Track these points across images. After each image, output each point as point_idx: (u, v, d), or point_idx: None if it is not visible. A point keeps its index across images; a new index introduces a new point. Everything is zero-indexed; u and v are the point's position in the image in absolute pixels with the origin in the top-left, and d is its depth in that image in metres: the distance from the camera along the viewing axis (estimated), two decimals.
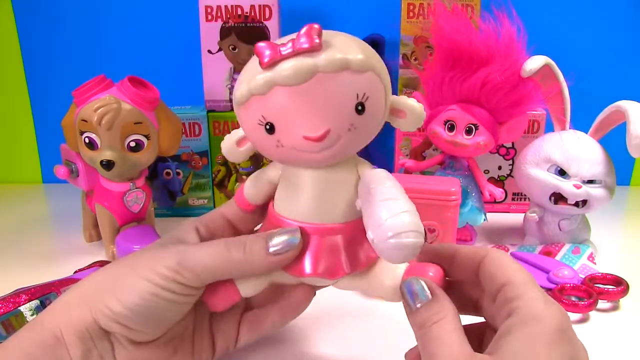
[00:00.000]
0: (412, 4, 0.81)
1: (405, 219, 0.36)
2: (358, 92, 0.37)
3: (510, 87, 0.69)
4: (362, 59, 0.37)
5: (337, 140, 0.38)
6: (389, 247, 0.36)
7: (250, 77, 0.37)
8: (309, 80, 0.36)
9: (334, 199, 0.41)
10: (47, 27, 0.97)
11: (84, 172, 0.73)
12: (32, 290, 0.53)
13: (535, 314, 0.35)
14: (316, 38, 0.36)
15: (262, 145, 0.40)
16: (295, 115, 0.37)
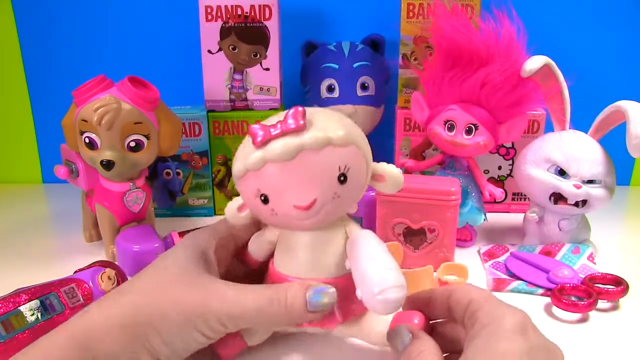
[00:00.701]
0: (411, 4, 0.81)
1: (390, 277, 0.42)
2: (340, 164, 0.43)
3: (510, 87, 0.69)
4: (343, 136, 0.43)
5: (323, 207, 0.44)
6: (377, 303, 0.42)
7: (245, 155, 0.44)
8: (295, 157, 0.42)
9: (326, 257, 0.47)
10: (47, 27, 0.97)
11: (84, 172, 0.73)
12: (32, 290, 0.53)
13: (495, 316, 0.40)
14: (301, 120, 0.42)
15: (259, 213, 0.46)
16: (286, 187, 0.43)
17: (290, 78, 0.94)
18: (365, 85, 0.85)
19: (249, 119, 0.84)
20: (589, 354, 0.53)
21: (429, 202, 0.64)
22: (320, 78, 0.85)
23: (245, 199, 0.47)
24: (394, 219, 0.66)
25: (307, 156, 0.42)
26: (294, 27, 0.93)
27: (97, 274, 0.58)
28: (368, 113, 0.85)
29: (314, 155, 0.42)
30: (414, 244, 0.67)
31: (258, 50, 0.82)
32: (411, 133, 0.86)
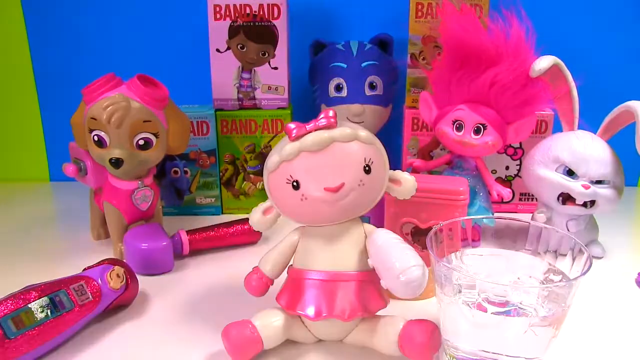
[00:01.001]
0: (420, 4, 0.81)
1: (408, 258, 0.46)
2: (365, 156, 0.49)
3: (518, 87, 0.69)
4: (367, 135, 0.50)
5: (350, 193, 0.48)
6: (400, 285, 0.45)
7: (281, 148, 0.49)
8: (327, 147, 0.48)
9: (345, 251, 0.51)
10: (56, 25, 0.97)
11: (92, 170, 0.74)
12: (42, 287, 0.53)
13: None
14: (332, 118, 0.49)
15: (289, 201, 0.50)
16: (317, 172, 0.48)
17: (299, 77, 0.94)
18: (374, 84, 0.85)
19: (256, 118, 0.85)
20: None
21: (437, 201, 0.64)
22: (329, 77, 0.86)
23: (275, 190, 0.50)
24: (402, 219, 0.66)
25: (337, 147, 0.48)
26: (303, 26, 0.93)
27: (105, 272, 0.58)
28: (376, 112, 0.85)
29: (344, 146, 0.48)
30: (422, 243, 0.67)
31: (266, 49, 0.83)
32: (419, 133, 0.86)
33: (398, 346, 0.50)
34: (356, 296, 0.50)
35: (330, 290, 0.50)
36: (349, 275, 0.50)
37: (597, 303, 0.61)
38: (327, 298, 0.50)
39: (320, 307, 0.50)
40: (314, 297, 0.50)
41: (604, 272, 0.68)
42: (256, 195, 0.88)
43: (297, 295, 0.51)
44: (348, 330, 0.53)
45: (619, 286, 0.66)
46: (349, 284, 0.50)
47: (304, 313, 0.50)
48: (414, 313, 0.58)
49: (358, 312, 0.49)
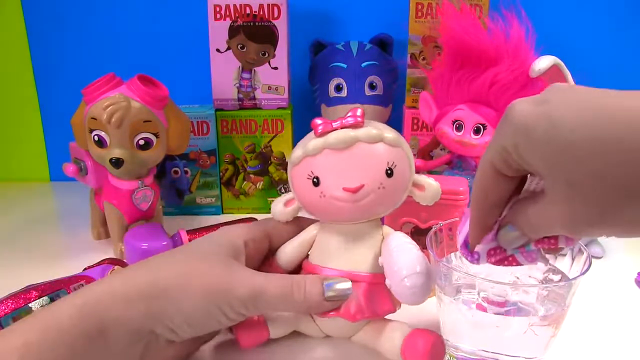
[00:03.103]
0: (420, 4, 0.81)
1: (415, 264, 0.46)
2: (389, 160, 0.48)
3: (518, 87, 0.69)
4: (394, 137, 0.49)
5: (368, 195, 0.48)
6: (403, 288, 0.46)
7: (305, 143, 0.49)
8: (351, 146, 0.48)
9: (360, 251, 0.51)
10: (56, 25, 0.97)
11: (92, 170, 0.74)
12: (42, 287, 0.54)
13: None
14: (359, 117, 0.48)
15: (308, 196, 0.50)
16: (338, 170, 0.48)
17: (299, 77, 0.94)
18: (374, 84, 0.85)
19: (257, 117, 0.85)
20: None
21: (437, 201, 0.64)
22: (329, 77, 0.86)
23: (297, 183, 0.50)
24: (401, 218, 0.66)
25: (361, 147, 0.48)
26: (303, 27, 0.93)
27: (106, 272, 0.58)
28: (376, 112, 0.85)
29: (368, 147, 0.48)
30: (422, 243, 0.67)
31: (266, 49, 0.83)
32: (419, 133, 0.86)
33: (400, 352, 0.49)
34: (365, 298, 0.49)
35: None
36: (361, 277, 0.50)
37: (597, 303, 0.61)
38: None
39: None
40: None
41: (604, 272, 0.68)
42: (256, 195, 0.88)
43: None
44: (355, 329, 0.52)
45: (618, 286, 0.66)
46: (360, 285, 0.49)
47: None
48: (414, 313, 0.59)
49: (365, 313, 0.49)
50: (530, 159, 0.34)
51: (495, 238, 0.41)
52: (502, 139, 0.35)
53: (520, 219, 0.38)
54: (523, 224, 0.38)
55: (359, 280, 0.49)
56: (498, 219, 0.41)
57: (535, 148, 0.33)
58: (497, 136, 0.36)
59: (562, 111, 0.32)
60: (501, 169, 0.37)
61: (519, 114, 0.34)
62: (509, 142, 0.35)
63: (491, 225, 0.41)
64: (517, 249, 0.41)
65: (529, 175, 0.38)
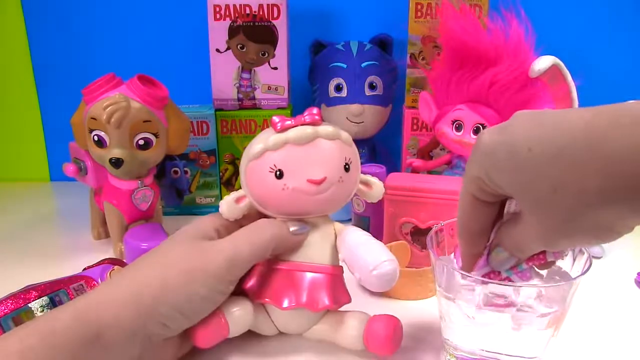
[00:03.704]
0: (420, 4, 0.81)
1: (380, 254, 0.49)
2: (346, 155, 0.51)
3: (518, 87, 0.69)
4: (348, 137, 0.52)
5: (330, 187, 0.50)
6: (373, 278, 0.48)
7: (266, 138, 0.50)
8: (312, 141, 0.50)
9: (318, 244, 0.52)
10: (56, 25, 0.97)
11: (92, 170, 0.74)
12: (42, 287, 0.53)
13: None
14: (316, 116, 0.51)
15: (269, 189, 0.50)
16: (302, 163, 0.49)
17: (299, 77, 0.94)
18: (373, 84, 0.85)
19: (256, 118, 0.85)
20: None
21: (437, 201, 0.64)
22: (329, 77, 0.86)
23: (255, 177, 0.51)
24: (401, 219, 0.66)
25: (322, 143, 0.50)
26: (303, 27, 0.93)
27: (106, 272, 0.58)
28: (376, 112, 0.85)
29: (327, 143, 0.50)
30: (421, 243, 0.67)
31: (266, 49, 0.83)
32: (419, 133, 0.86)
33: (363, 340, 0.51)
34: (326, 288, 0.51)
35: (300, 281, 0.51)
36: (322, 268, 0.51)
37: (597, 303, 0.61)
38: (297, 288, 0.50)
39: (290, 297, 0.50)
40: (284, 287, 0.51)
41: (604, 272, 0.68)
42: None
43: (265, 285, 0.52)
44: (312, 322, 0.53)
45: (618, 286, 0.66)
46: (318, 276, 0.51)
47: (273, 302, 0.51)
48: (414, 313, 0.59)
49: (328, 303, 0.50)
50: (499, 182, 0.37)
51: (487, 263, 0.43)
52: (474, 168, 0.38)
53: (506, 240, 0.41)
54: (509, 245, 0.41)
55: (320, 272, 0.51)
56: (487, 244, 0.43)
57: (501, 171, 0.36)
58: (469, 166, 0.39)
59: (521, 133, 0.35)
60: (479, 197, 0.40)
61: (484, 142, 0.37)
62: (480, 170, 0.38)
63: (480, 251, 0.43)
64: (510, 270, 0.42)
65: (508, 199, 0.40)
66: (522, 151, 0.34)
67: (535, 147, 0.34)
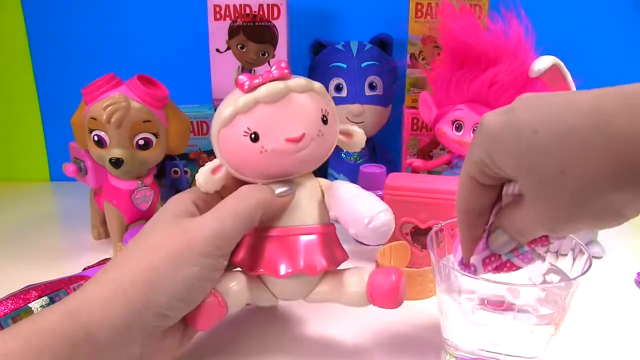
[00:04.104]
0: (420, 4, 0.81)
1: (374, 205, 0.47)
2: (322, 107, 0.48)
3: (518, 87, 0.69)
4: (321, 87, 0.49)
5: (310, 143, 0.47)
6: (369, 231, 0.46)
7: (235, 100, 0.47)
8: (284, 97, 0.47)
9: (303, 204, 0.50)
10: (56, 25, 0.97)
11: (92, 170, 0.74)
12: (42, 287, 0.53)
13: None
14: (285, 69, 0.48)
15: (246, 154, 0.47)
16: (277, 123, 0.46)
17: None
18: (373, 84, 0.85)
19: None
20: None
21: (437, 201, 0.64)
22: (329, 77, 0.86)
23: (229, 144, 0.48)
24: (401, 218, 0.66)
25: (295, 97, 0.47)
26: (303, 27, 0.93)
27: None
28: (376, 112, 0.85)
29: (301, 97, 0.47)
30: (421, 243, 0.67)
31: (266, 49, 0.83)
32: (419, 133, 0.86)
33: (367, 295, 0.49)
34: (321, 249, 0.48)
35: (292, 246, 0.48)
36: (312, 229, 0.49)
37: (597, 303, 0.61)
38: (292, 253, 0.48)
39: (286, 264, 0.48)
40: (278, 254, 0.48)
41: (604, 272, 0.68)
42: None
43: (257, 255, 0.49)
44: (312, 286, 0.51)
45: (618, 286, 0.66)
46: (310, 238, 0.49)
47: (269, 271, 0.48)
48: (414, 313, 0.59)
49: (325, 264, 0.48)
50: (503, 165, 0.36)
51: (487, 246, 0.42)
52: (477, 151, 0.38)
53: (507, 223, 0.40)
54: (510, 229, 0.40)
55: (310, 233, 0.49)
56: (486, 227, 0.42)
57: (505, 154, 0.36)
58: (472, 149, 0.39)
59: (526, 115, 0.34)
60: (480, 179, 0.39)
61: (488, 124, 0.37)
62: (482, 153, 0.37)
63: (480, 234, 0.42)
64: (511, 253, 0.42)
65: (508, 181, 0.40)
66: (527, 133, 0.34)
67: (540, 128, 0.33)
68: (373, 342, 0.55)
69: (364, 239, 0.47)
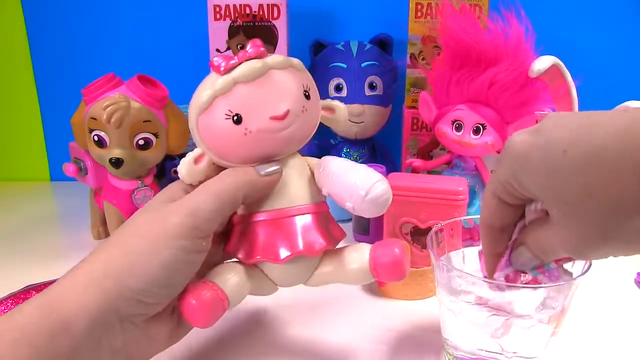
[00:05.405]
0: (420, 4, 0.81)
1: (369, 176, 0.44)
2: (303, 82, 0.46)
3: (518, 87, 0.69)
4: (299, 62, 0.47)
5: (295, 120, 0.45)
6: (367, 204, 0.44)
7: (212, 83, 0.44)
8: (264, 74, 0.44)
9: (293, 184, 0.47)
10: (56, 25, 0.97)
11: (92, 169, 0.74)
12: (42, 287, 0.54)
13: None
14: (261, 47, 0.45)
15: (229, 138, 0.45)
16: (259, 102, 0.44)
17: None
18: (373, 84, 0.85)
19: None
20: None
21: (437, 201, 0.64)
22: (329, 77, 0.86)
23: (210, 130, 0.45)
24: (401, 219, 0.66)
25: (275, 74, 0.45)
26: (302, 27, 0.93)
27: None
28: (376, 112, 0.85)
29: (280, 73, 0.45)
30: (421, 243, 0.67)
31: (266, 49, 0.82)
32: (419, 132, 0.86)
33: (370, 269, 0.46)
34: (317, 228, 0.46)
35: (287, 228, 0.46)
36: (305, 209, 0.47)
37: (597, 303, 0.62)
38: (288, 236, 0.45)
39: (283, 247, 0.45)
40: (273, 239, 0.46)
41: (604, 272, 0.68)
42: None
43: (252, 242, 0.46)
44: (312, 268, 0.48)
45: (618, 286, 0.66)
46: (305, 218, 0.46)
47: (267, 257, 0.45)
48: (415, 312, 0.59)
49: (324, 243, 0.46)
50: (529, 186, 0.36)
51: (509, 263, 0.42)
52: (503, 171, 0.38)
53: (531, 242, 0.40)
54: (534, 247, 0.40)
55: (303, 213, 0.46)
56: (508, 244, 0.42)
57: (532, 175, 0.35)
58: (498, 168, 0.39)
59: (555, 136, 0.34)
60: (504, 199, 0.39)
61: (515, 145, 0.36)
62: (509, 174, 0.37)
63: (502, 251, 0.43)
64: (536, 270, 0.42)
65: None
66: (556, 153, 0.33)
67: (570, 149, 0.33)
68: (373, 342, 0.55)
69: (362, 212, 0.45)
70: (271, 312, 0.60)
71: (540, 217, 0.40)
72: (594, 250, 0.35)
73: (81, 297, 0.39)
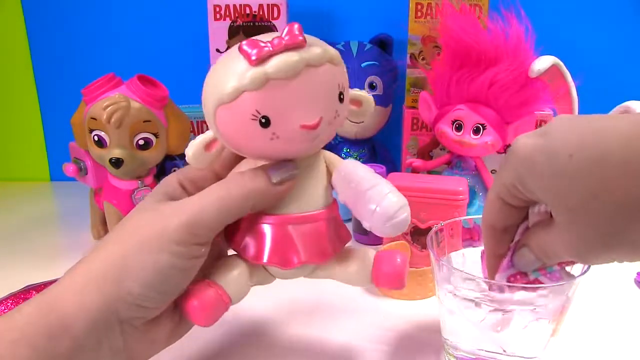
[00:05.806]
0: (420, 4, 0.81)
1: (392, 201, 0.42)
2: (339, 82, 0.41)
3: (518, 87, 0.69)
4: (337, 55, 0.41)
5: (326, 128, 0.41)
6: (388, 230, 0.42)
7: (239, 73, 0.38)
8: (300, 73, 0.38)
9: (309, 187, 0.44)
10: (56, 25, 0.97)
11: (92, 169, 0.74)
12: (42, 287, 0.54)
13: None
14: (300, 35, 0.39)
15: (253, 139, 0.40)
16: (293, 106, 0.39)
17: None
18: (373, 84, 0.85)
19: None
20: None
21: (437, 201, 0.64)
22: None
23: (231, 127, 0.40)
24: None
25: (311, 73, 0.39)
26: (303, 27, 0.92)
27: None
28: (376, 112, 0.85)
29: (317, 72, 0.39)
30: (421, 243, 0.67)
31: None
32: (419, 132, 0.86)
33: (372, 279, 0.46)
34: (327, 234, 0.44)
35: (298, 235, 0.43)
36: (318, 215, 0.44)
37: (597, 303, 0.62)
38: (298, 243, 0.43)
39: (293, 255, 0.43)
40: (283, 244, 0.43)
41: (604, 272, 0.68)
42: None
43: (259, 244, 0.44)
44: (316, 267, 0.47)
45: (618, 286, 0.66)
46: (316, 225, 0.44)
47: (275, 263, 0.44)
48: (415, 312, 0.59)
49: (334, 250, 0.45)
50: (534, 189, 0.36)
51: (511, 264, 0.42)
52: (507, 173, 0.38)
53: (534, 244, 0.40)
54: (537, 250, 0.40)
55: (317, 220, 0.44)
56: (510, 245, 0.42)
57: (538, 178, 0.35)
58: (503, 170, 0.38)
59: (561, 139, 0.34)
60: (508, 201, 0.39)
61: (521, 147, 0.36)
62: (513, 175, 0.37)
63: (504, 252, 0.43)
64: (538, 272, 0.42)
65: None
66: (562, 156, 0.33)
67: (576, 153, 0.33)
68: (373, 342, 0.55)
69: (377, 232, 0.43)
70: (271, 311, 0.60)
71: (544, 219, 0.40)
72: (598, 254, 0.35)
73: (80, 297, 0.39)
